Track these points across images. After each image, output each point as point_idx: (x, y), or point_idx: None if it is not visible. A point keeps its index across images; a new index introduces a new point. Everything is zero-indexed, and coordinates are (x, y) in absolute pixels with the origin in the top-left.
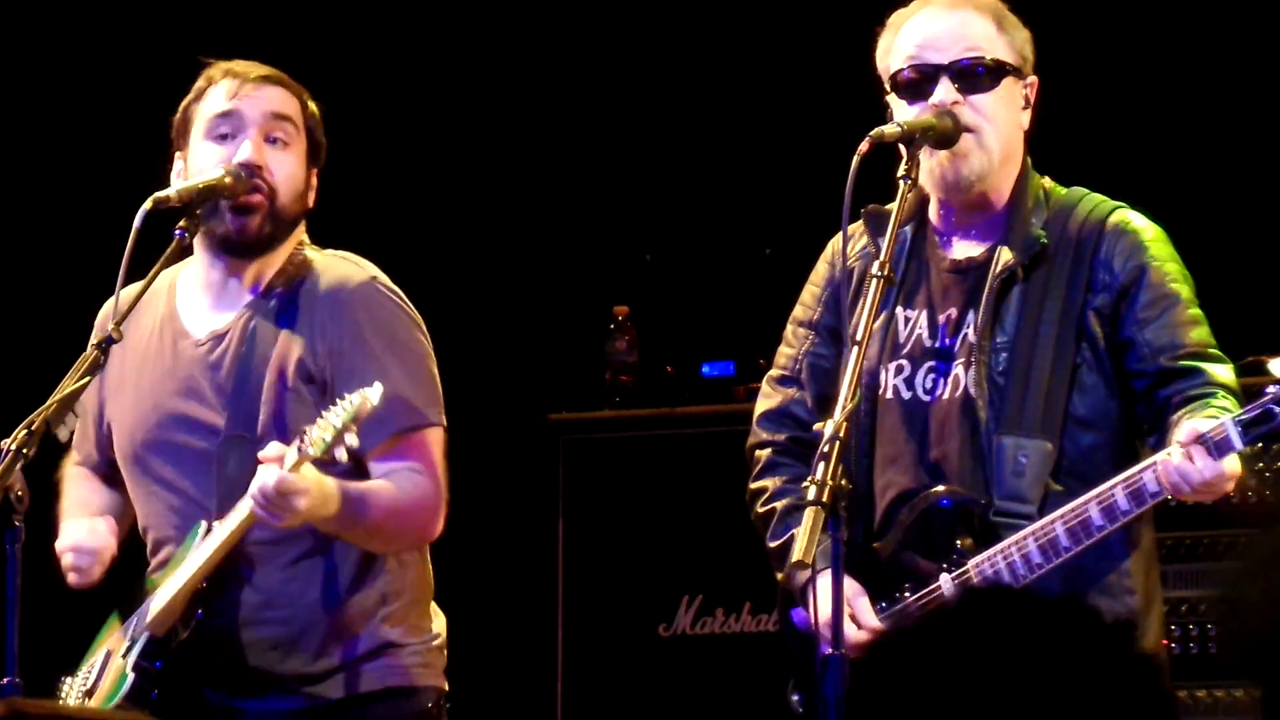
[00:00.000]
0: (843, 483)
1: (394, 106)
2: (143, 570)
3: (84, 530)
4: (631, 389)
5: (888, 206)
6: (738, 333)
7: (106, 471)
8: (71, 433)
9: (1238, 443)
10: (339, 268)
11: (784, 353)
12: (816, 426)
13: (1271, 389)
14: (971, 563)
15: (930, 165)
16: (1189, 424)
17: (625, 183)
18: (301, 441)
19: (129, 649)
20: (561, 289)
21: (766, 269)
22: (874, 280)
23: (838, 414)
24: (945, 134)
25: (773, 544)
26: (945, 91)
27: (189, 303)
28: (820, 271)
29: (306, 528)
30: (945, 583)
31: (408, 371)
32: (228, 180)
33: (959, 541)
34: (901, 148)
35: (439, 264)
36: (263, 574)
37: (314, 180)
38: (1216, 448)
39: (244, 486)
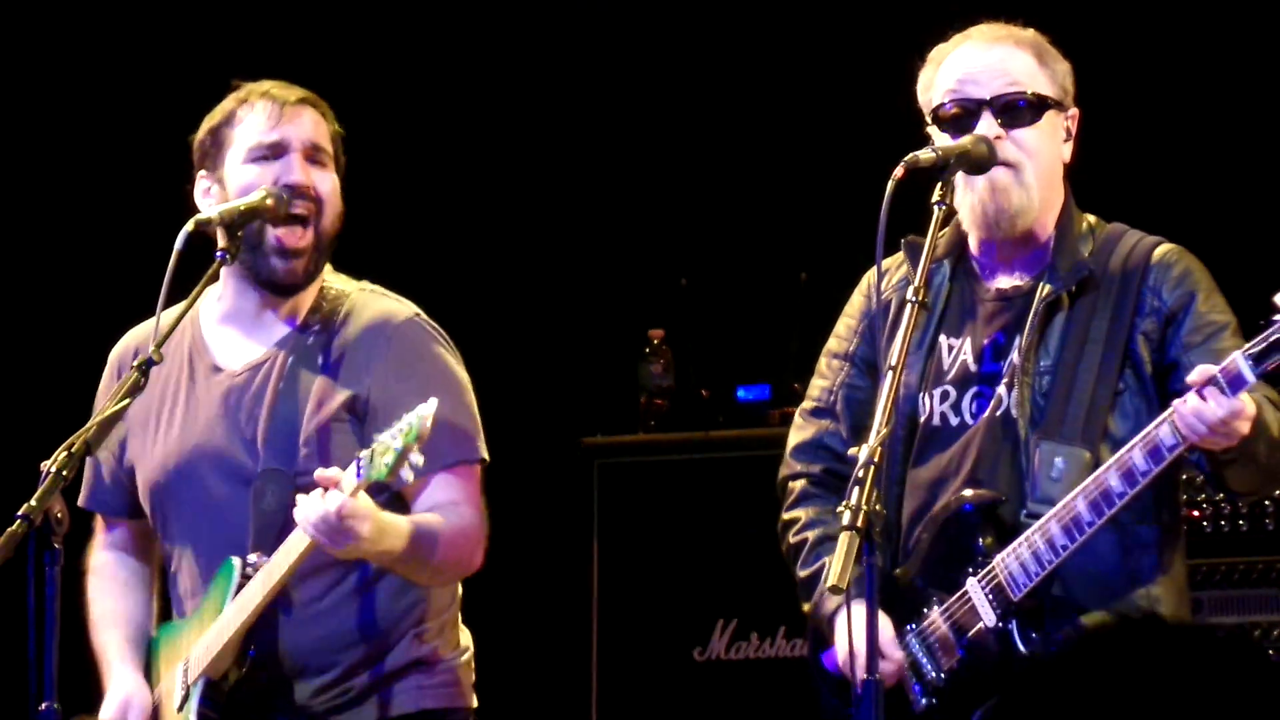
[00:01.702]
0: (877, 508)
1: (429, 132)
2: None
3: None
4: (666, 413)
5: (925, 260)
6: (773, 357)
7: (124, 518)
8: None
9: (1250, 375)
10: (379, 304)
11: (818, 384)
12: (851, 451)
13: (1278, 318)
14: (996, 559)
15: (971, 202)
16: (1200, 366)
17: (660, 207)
18: (359, 466)
19: (185, 699)
20: (596, 313)
21: (801, 293)
22: (909, 306)
23: (872, 439)
24: (980, 158)
25: (802, 574)
26: (988, 126)
27: (217, 334)
28: (855, 303)
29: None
30: (972, 587)
31: (453, 406)
32: (269, 202)
33: (982, 541)
34: (937, 172)
35: (475, 288)
36: (305, 602)
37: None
38: (1230, 384)
39: (280, 521)
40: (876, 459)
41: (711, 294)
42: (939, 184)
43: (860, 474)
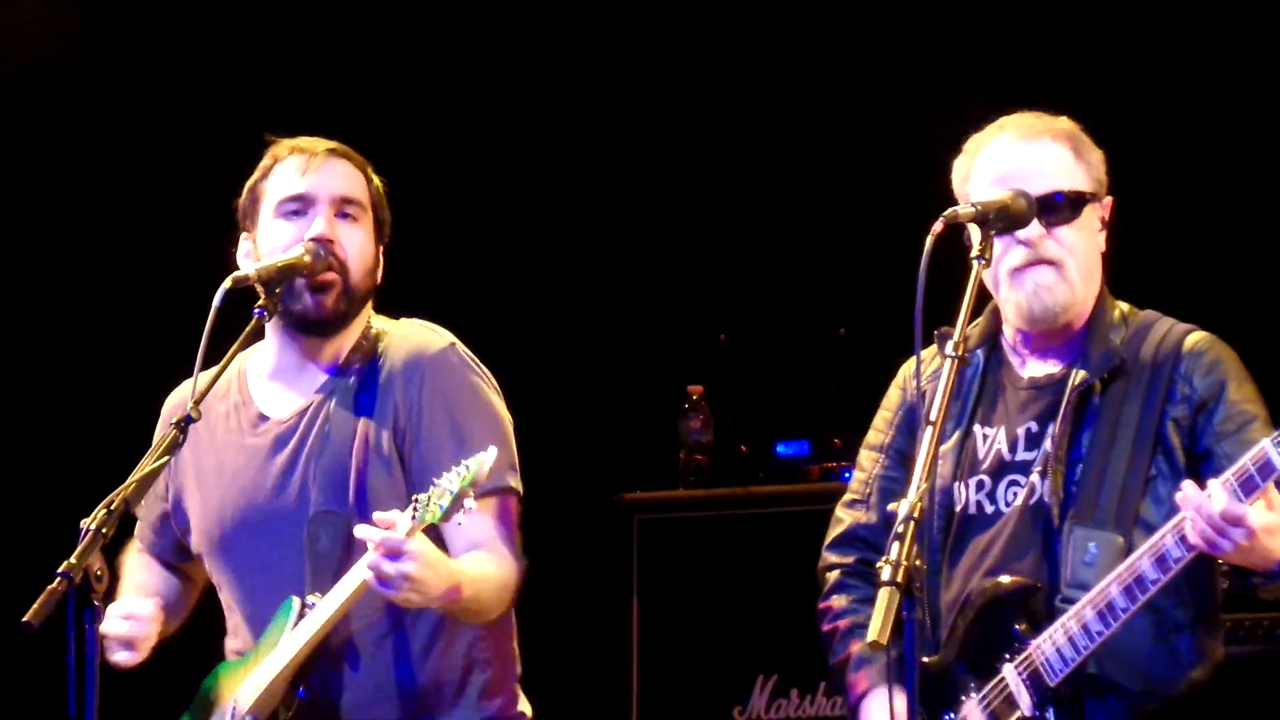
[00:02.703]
0: (917, 563)
1: (467, 184)
2: (212, 650)
3: (135, 603)
4: (706, 469)
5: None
6: (812, 412)
7: (169, 559)
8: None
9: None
10: (416, 335)
11: (857, 476)
12: (891, 507)
13: None
14: (1033, 644)
15: (1016, 300)
16: (1220, 479)
17: (700, 262)
18: (415, 509)
19: None
20: (636, 368)
21: (840, 349)
22: (949, 360)
23: (912, 494)
24: (1019, 215)
25: (831, 661)
26: (1032, 228)
27: (263, 387)
28: (892, 396)
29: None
30: (1009, 673)
31: (490, 435)
32: (307, 259)
33: (1018, 626)
34: (975, 228)
35: (515, 343)
36: (351, 643)
37: (380, 256)
38: (1260, 470)
39: (334, 561)
40: (916, 514)
41: (751, 350)
42: (979, 240)
43: (900, 529)
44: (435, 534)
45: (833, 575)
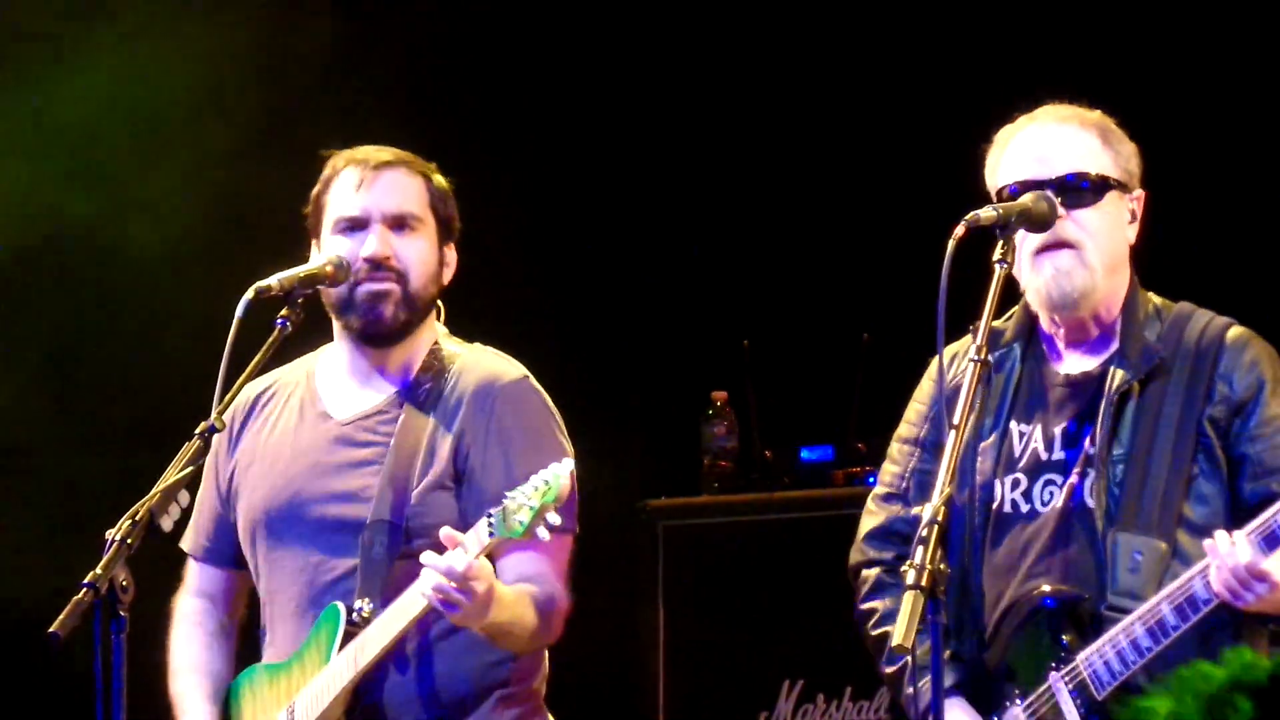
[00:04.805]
0: (941, 566)
1: (488, 191)
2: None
3: None
4: (730, 474)
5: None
6: (836, 418)
7: (220, 567)
8: (175, 522)
9: None
10: (490, 364)
11: (889, 470)
12: (915, 510)
13: None
14: (1080, 656)
15: (1036, 285)
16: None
17: (723, 269)
18: (490, 525)
19: None
20: (660, 375)
21: (864, 354)
22: (971, 365)
23: (935, 498)
24: (1042, 217)
25: (888, 670)
26: None
27: (331, 386)
28: (924, 388)
29: None
30: (1054, 681)
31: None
32: (329, 269)
33: (1065, 637)
34: (999, 231)
35: (538, 351)
36: (404, 655)
37: (450, 255)
38: None
39: (385, 571)
40: (940, 518)
41: (774, 355)
42: (1000, 242)
43: (924, 533)
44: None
45: (871, 574)
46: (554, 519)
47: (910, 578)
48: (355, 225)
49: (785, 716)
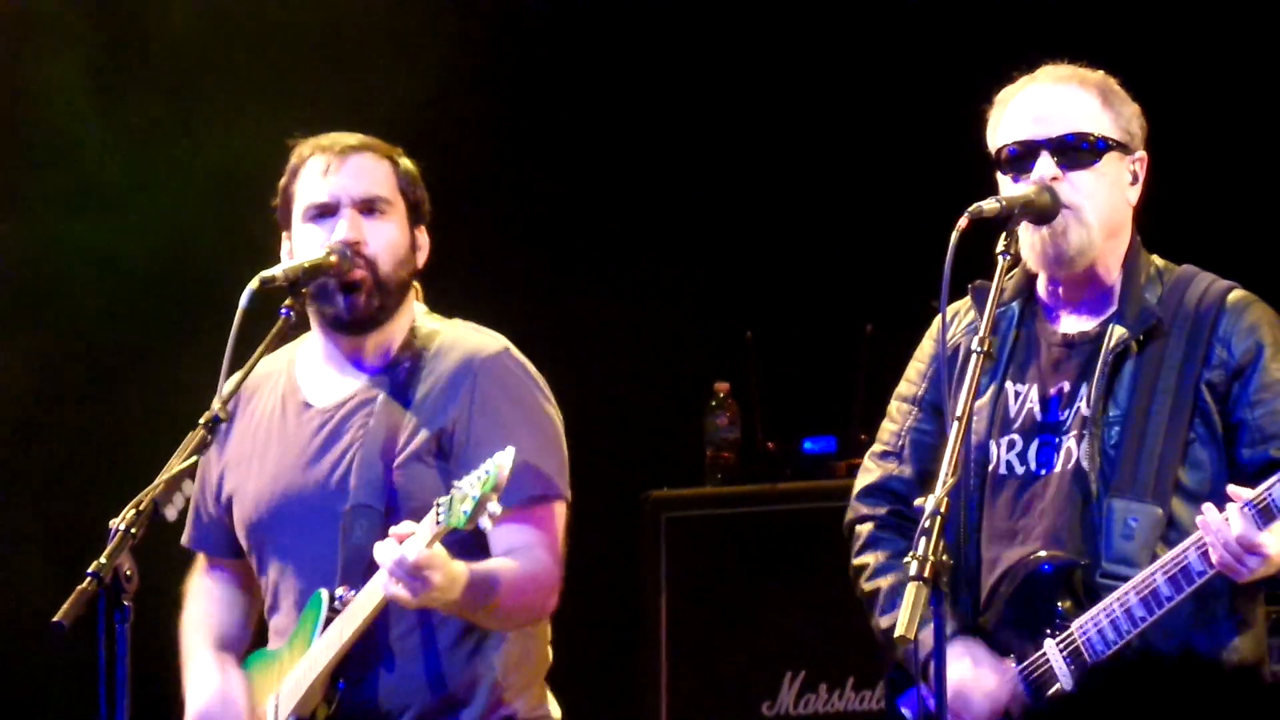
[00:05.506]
0: (944, 558)
1: (492, 180)
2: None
3: (216, 701)
4: (733, 465)
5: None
6: (839, 409)
7: (225, 557)
8: (180, 512)
9: None
10: (470, 338)
11: (887, 428)
12: (918, 502)
13: None
14: (1075, 624)
15: (1032, 241)
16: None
17: (725, 260)
18: (437, 515)
19: None
20: (662, 366)
21: (867, 345)
22: (975, 356)
23: (939, 490)
24: (1044, 209)
25: (883, 623)
26: (1045, 167)
27: (310, 375)
28: (925, 348)
29: None
30: (1050, 649)
31: (538, 442)
32: (333, 259)
33: (1060, 604)
34: (1001, 222)
35: (539, 340)
36: (385, 639)
37: (422, 238)
38: (1279, 501)
39: (367, 556)
40: (943, 509)
41: (777, 346)
42: (1003, 233)
43: (927, 524)
44: (479, 533)
45: (865, 528)
46: (495, 508)
47: (913, 569)
48: (325, 211)
49: (787, 707)
